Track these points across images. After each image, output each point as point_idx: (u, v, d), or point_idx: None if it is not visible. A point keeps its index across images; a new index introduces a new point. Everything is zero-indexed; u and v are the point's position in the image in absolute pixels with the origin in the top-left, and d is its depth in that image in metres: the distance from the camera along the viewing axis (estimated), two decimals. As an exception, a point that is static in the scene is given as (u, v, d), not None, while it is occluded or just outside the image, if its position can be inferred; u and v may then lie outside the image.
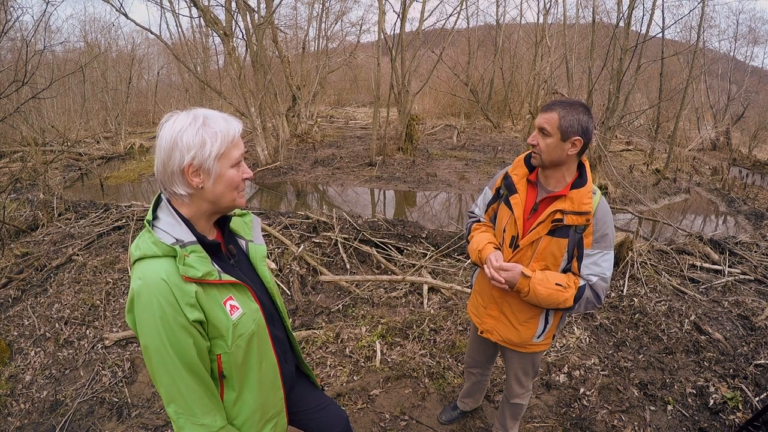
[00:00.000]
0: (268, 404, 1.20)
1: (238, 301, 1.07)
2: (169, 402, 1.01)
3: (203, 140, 0.96)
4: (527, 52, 17.42)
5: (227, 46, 9.10)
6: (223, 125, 1.00)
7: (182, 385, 0.99)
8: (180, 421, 1.02)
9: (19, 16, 13.84)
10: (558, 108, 1.42)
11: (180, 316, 0.95)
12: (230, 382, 1.10)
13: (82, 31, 19.48)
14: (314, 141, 12.78)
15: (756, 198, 8.32)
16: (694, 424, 2.46)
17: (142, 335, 0.97)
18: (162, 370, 0.97)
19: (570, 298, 1.49)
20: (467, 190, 8.58)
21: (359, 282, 3.96)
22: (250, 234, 1.25)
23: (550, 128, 1.43)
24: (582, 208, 1.45)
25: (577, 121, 1.41)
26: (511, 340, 1.73)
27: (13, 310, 3.65)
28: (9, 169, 8.72)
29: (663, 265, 4.28)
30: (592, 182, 1.50)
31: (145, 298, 0.94)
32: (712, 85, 16.55)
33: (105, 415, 2.59)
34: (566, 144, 1.43)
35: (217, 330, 1.02)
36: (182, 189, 0.99)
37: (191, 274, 0.96)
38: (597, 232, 1.47)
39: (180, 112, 1.00)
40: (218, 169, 0.99)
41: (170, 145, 0.96)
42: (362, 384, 2.72)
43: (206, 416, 1.03)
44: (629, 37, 8.27)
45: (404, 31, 10.57)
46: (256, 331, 1.10)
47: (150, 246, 0.97)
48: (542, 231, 1.51)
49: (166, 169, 0.97)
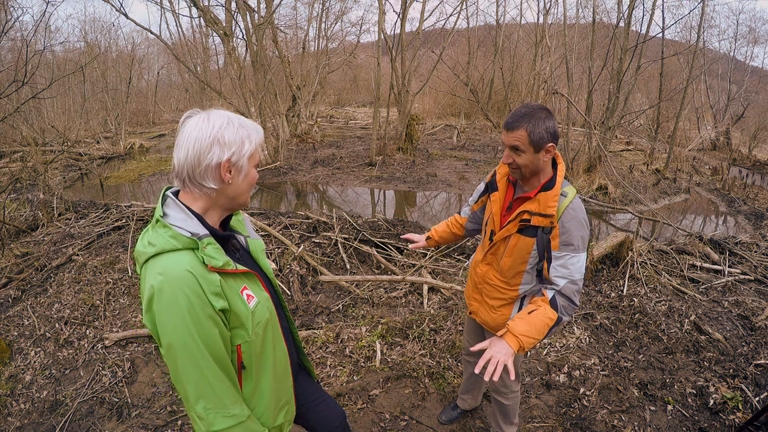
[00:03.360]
0: (281, 391, 1.23)
1: (252, 290, 1.10)
2: (197, 398, 1.00)
3: (242, 139, 1.03)
4: (527, 52, 17.41)
5: (227, 46, 9.10)
6: (255, 128, 1.08)
7: (212, 378, 0.99)
8: (210, 417, 1.01)
9: (19, 16, 13.87)
10: (524, 124, 1.43)
11: (207, 306, 0.96)
12: (249, 373, 1.12)
13: (82, 31, 19.46)
14: (314, 141, 12.78)
15: (756, 198, 8.33)
16: (694, 424, 2.46)
17: (165, 333, 0.95)
18: (190, 367, 0.97)
19: (551, 316, 1.48)
20: (467, 190, 8.58)
21: (359, 282, 3.96)
22: (245, 230, 1.29)
23: (522, 145, 1.45)
24: (546, 211, 1.49)
25: (545, 130, 1.44)
26: (488, 324, 1.85)
27: (13, 310, 3.65)
28: (9, 169, 8.71)
29: (663, 265, 4.28)
30: (561, 185, 1.51)
31: (168, 292, 0.93)
32: (712, 85, 16.55)
33: (105, 415, 2.59)
34: (540, 154, 1.47)
35: (238, 319, 1.04)
36: (213, 183, 1.02)
37: (214, 264, 0.99)
38: (563, 234, 1.49)
39: (200, 111, 1.04)
40: (247, 167, 1.06)
41: (210, 141, 0.99)
42: (362, 384, 2.72)
43: (235, 406, 1.04)
44: (629, 37, 8.26)
45: (404, 31, 10.57)
46: (270, 319, 1.14)
47: (168, 240, 0.97)
48: (512, 229, 1.59)
49: (202, 162, 0.99)
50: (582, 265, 1.52)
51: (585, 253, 1.54)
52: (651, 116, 12.89)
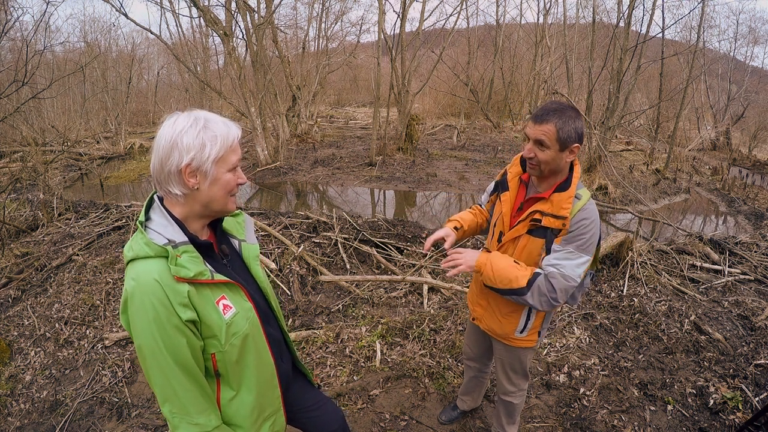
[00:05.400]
0: (265, 402, 1.21)
1: (231, 300, 1.08)
2: (163, 401, 1.01)
3: (203, 143, 0.98)
4: (527, 52, 17.43)
5: (227, 46, 9.10)
6: (224, 129, 1.02)
7: (176, 385, 0.99)
8: (175, 421, 1.02)
9: (19, 16, 13.86)
10: (554, 119, 1.39)
11: (173, 316, 0.95)
12: (227, 380, 1.11)
13: (82, 31, 19.48)
14: (314, 141, 12.78)
15: (756, 198, 8.33)
16: (694, 424, 2.46)
17: (136, 336, 0.97)
18: (156, 370, 0.98)
19: (522, 277, 1.47)
20: (467, 190, 8.58)
21: (359, 282, 3.96)
22: (243, 234, 1.26)
23: (549, 140, 1.40)
24: (560, 212, 1.45)
25: (573, 129, 1.40)
26: (494, 331, 1.79)
27: (13, 310, 3.65)
28: (9, 169, 8.71)
29: (663, 265, 4.27)
30: (575, 187, 1.48)
31: (138, 299, 0.95)
32: (712, 85, 16.55)
33: (105, 415, 2.59)
34: (564, 153, 1.43)
35: (210, 329, 1.03)
36: (177, 189, 1.00)
37: (183, 274, 0.97)
38: (570, 232, 1.46)
39: (181, 113, 1.01)
40: (215, 172, 1.01)
41: (170, 145, 0.97)
42: (362, 384, 2.72)
43: (201, 415, 1.04)
44: (629, 37, 8.26)
45: (404, 31, 10.58)
46: (250, 330, 1.11)
47: (142, 247, 0.98)
48: (522, 229, 1.55)
49: (164, 167, 0.98)
50: (580, 266, 1.45)
51: (588, 257, 1.47)
52: (651, 116, 12.89)
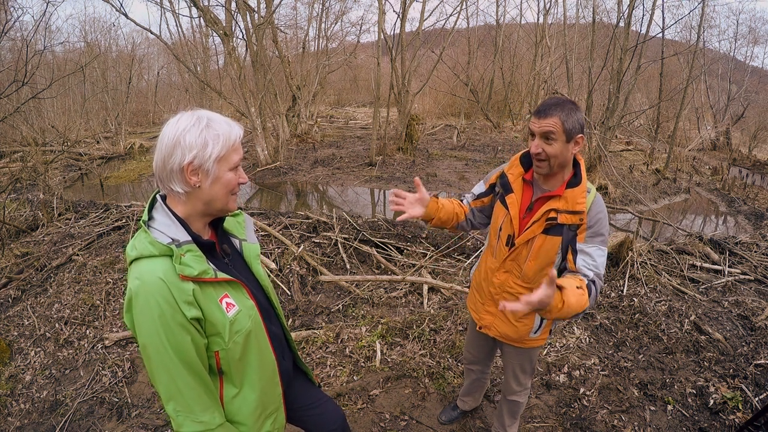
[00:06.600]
0: (267, 400, 1.22)
1: (234, 298, 1.09)
2: (168, 400, 1.02)
3: (205, 141, 0.99)
4: (527, 52, 17.43)
5: (227, 46, 9.10)
6: (226, 129, 1.03)
7: (181, 383, 1.00)
8: (179, 419, 1.03)
9: (19, 16, 13.87)
10: (557, 112, 1.40)
11: (178, 314, 0.96)
12: (230, 378, 1.12)
13: (82, 31, 19.49)
14: (314, 141, 12.78)
15: (756, 198, 8.33)
16: (694, 424, 2.46)
17: (140, 335, 0.98)
18: (161, 369, 0.99)
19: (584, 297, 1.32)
20: (467, 190, 8.57)
21: (359, 282, 3.96)
22: (243, 233, 1.27)
23: (556, 132, 1.41)
24: (576, 208, 1.45)
25: (576, 120, 1.41)
26: (508, 336, 1.76)
27: (13, 310, 3.65)
28: (9, 169, 8.71)
29: (663, 265, 4.27)
30: (586, 181, 1.50)
31: (142, 297, 0.95)
32: (712, 85, 16.54)
33: (105, 415, 2.59)
34: (570, 144, 1.43)
35: (214, 327, 1.04)
36: (179, 187, 1.01)
37: (188, 273, 0.98)
38: (590, 228, 1.47)
39: (185, 112, 1.03)
40: (217, 171, 1.02)
41: (172, 143, 0.98)
42: (362, 384, 2.72)
43: (205, 413, 1.05)
44: (629, 37, 8.26)
45: (404, 31, 10.57)
46: (253, 328, 1.12)
47: (146, 246, 0.99)
48: (537, 230, 1.52)
49: (166, 165, 0.99)
50: (605, 260, 1.46)
51: (607, 251, 1.49)
52: (651, 116, 12.89)
